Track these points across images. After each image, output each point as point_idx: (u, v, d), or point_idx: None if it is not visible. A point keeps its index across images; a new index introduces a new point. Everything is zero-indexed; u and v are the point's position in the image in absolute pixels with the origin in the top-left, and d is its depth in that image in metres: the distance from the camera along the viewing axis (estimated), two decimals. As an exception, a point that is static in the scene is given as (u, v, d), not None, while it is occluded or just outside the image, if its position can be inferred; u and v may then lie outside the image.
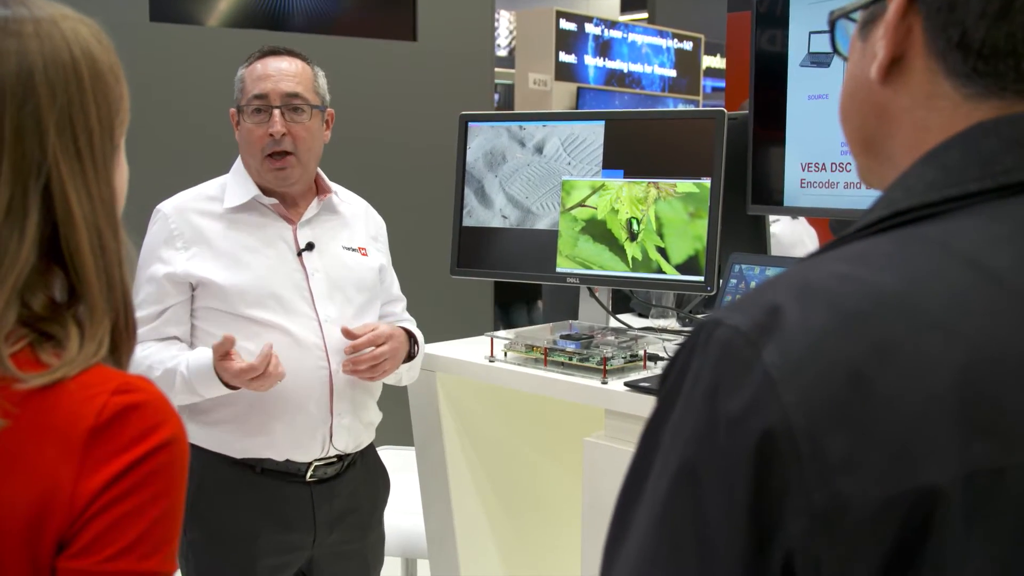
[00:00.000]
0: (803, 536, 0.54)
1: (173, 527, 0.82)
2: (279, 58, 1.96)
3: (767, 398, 0.55)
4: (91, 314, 0.83)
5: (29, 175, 0.81)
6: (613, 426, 1.85)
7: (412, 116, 3.92)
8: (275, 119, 1.90)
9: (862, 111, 0.71)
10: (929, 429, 0.54)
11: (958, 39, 0.63)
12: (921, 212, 0.62)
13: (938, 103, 0.65)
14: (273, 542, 1.93)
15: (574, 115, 2.24)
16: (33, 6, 0.85)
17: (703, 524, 0.56)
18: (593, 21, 7.52)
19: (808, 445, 0.54)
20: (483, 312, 4.15)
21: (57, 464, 0.77)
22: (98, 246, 0.84)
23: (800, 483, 0.54)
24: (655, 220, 2.06)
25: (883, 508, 0.53)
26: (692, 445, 0.58)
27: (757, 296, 0.60)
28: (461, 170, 2.32)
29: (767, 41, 2.01)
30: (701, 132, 2.02)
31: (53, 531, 0.77)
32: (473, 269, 2.31)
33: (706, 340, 0.60)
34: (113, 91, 0.88)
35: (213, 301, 1.88)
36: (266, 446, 1.90)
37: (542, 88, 6.97)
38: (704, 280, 2.01)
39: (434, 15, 4.06)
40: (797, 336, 0.56)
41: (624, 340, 2.03)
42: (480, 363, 2.06)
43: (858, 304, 0.57)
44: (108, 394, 0.80)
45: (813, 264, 0.62)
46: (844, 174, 1.90)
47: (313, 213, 2.00)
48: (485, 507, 2.27)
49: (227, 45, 3.55)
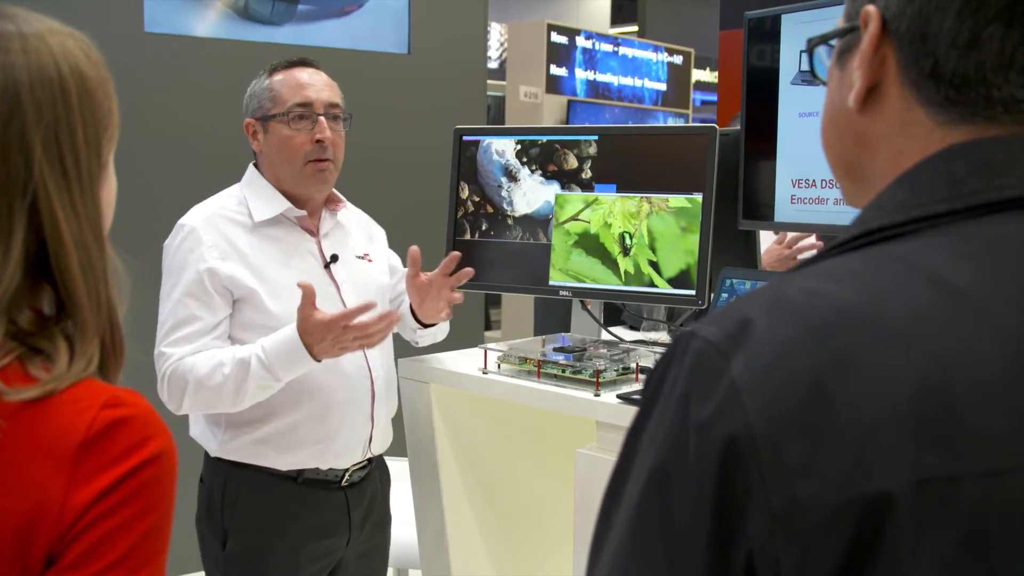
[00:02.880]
0: (763, 537, 0.56)
1: (162, 540, 0.81)
2: (311, 69, 1.98)
3: (732, 405, 0.58)
4: (81, 331, 0.83)
5: (15, 193, 0.81)
6: (605, 438, 1.87)
7: (405, 128, 3.94)
8: (323, 126, 1.93)
9: (842, 138, 0.74)
10: (884, 437, 0.56)
11: (930, 69, 0.66)
12: (891, 231, 0.65)
13: (913, 129, 0.68)
14: (314, 550, 1.96)
15: (568, 130, 2.27)
16: (21, 21, 0.84)
17: (671, 524, 0.59)
18: (584, 34, 7.56)
19: (768, 450, 0.57)
20: (475, 324, 4.16)
21: (47, 477, 0.77)
22: (87, 264, 0.84)
23: (761, 486, 0.56)
24: (647, 234, 2.09)
25: (838, 511, 0.55)
26: (664, 449, 0.61)
27: (731, 310, 0.63)
28: (455, 183, 2.34)
29: (759, 59, 2.04)
30: (693, 148, 2.05)
31: (42, 545, 0.76)
32: (466, 281, 2.33)
33: (683, 351, 0.63)
34: (101, 107, 0.87)
35: (256, 316, 1.88)
36: (314, 456, 1.93)
37: (533, 101, 7.01)
38: (696, 294, 2.04)
39: (427, 28, 4.08)
40: (763, 347, 0.59)
41: (616, 353, 2.05)
42: (474, 375, 2.08)
43: (822, 316, 0.60)
44: (98, 408, 0.79)
45: (787, 280, 0.65)
46: (834, 191, 1.93)
47: (330, 226, 2.03)
48: (478, 518, 2.28)
49: (221, 55, 3.57)
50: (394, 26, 4.04)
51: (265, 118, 1.96)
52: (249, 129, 1.99)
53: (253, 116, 1.98)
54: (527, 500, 2.37)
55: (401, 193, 3.79)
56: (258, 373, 1.80)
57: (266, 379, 1.81)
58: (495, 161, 2.30)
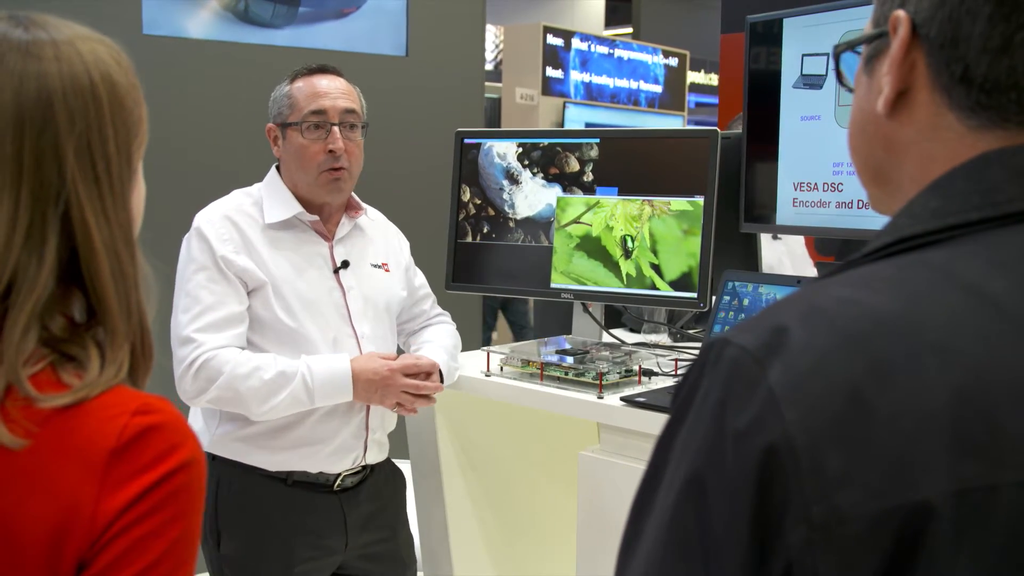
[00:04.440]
0: (802, 547, 0.56)
1: (191, 548, 0.82)
2: (330, 76, 1.99)
3: (771, 415, 0.58)
4: (112, 338, 0.83)
5: (48, 201, 0.81)
6: (608, 440, 1.87)
7: (402, 131, 3.94)
8: (335, 136, 1.94)
9: (870, 143, 0.74)
10: (923, 446, 0.56)
11: (961, 74, 0.65)
12: (925, 239, 0.65)
13: (943, 135, 0.68)
14: (307, 550, 1.96)
15: (570, 133, 2.27)
16: (52, 28, 0.85)
17: (708, 533, 0.59)
18: (579, 36, 7.57)
19: (808, 460, 0.56)
20: (472, 327, 4.16)
21: (78, 484, 0.77)
22: (118, 271, 0.84)
23: (800, 496, 0.56)
24: (649, 237, 2.09)
25: (878, 521, 0.55)
26: (700, 458, 0.61)
27: (765, 317, 0.63)
28: (456, 186, 2.34)
29: (760, 63, 2.05)
30: (695, 151, 2.05)
31: (73, 550, 0.77)
32: (468, 284, 2.34)
33: (716, 358, 0.62)
34: (132, 114, 0.87)
35: (263, 311, 1.90)
36: (304, 459, 1.93)
37: (529, 103, 7.01)
38: (697, 296, 2.04)
39: (425, 30, 4.08)
40: (800, 356, 0.59)
41: (618, 355, 2.05)
42: (477, 377, 2.09)
43: (858, 325, 0.60)
44: (129, 415, 0.80)
45: (819, 287, 0.64)
46: (836, 194, 1.93)
47: (346, 231, 2.03)
48: (480, 520, 2.29)
49: (219, 57, 3.56)
50: (392, 29, 4.04)
51: (284, 125, 1.97)
52: (271, 134, 2.00)
53: (274, 121, 1.99)
54: (529, 502, 2.38)
55: (399, 195, 3.78)
56: (298, 390, 1.83)
57: (304, 400, 1.85)
58: (496, 164, 2.30)
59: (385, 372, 1.88)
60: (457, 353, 2.13)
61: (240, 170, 2.52)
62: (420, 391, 1.92)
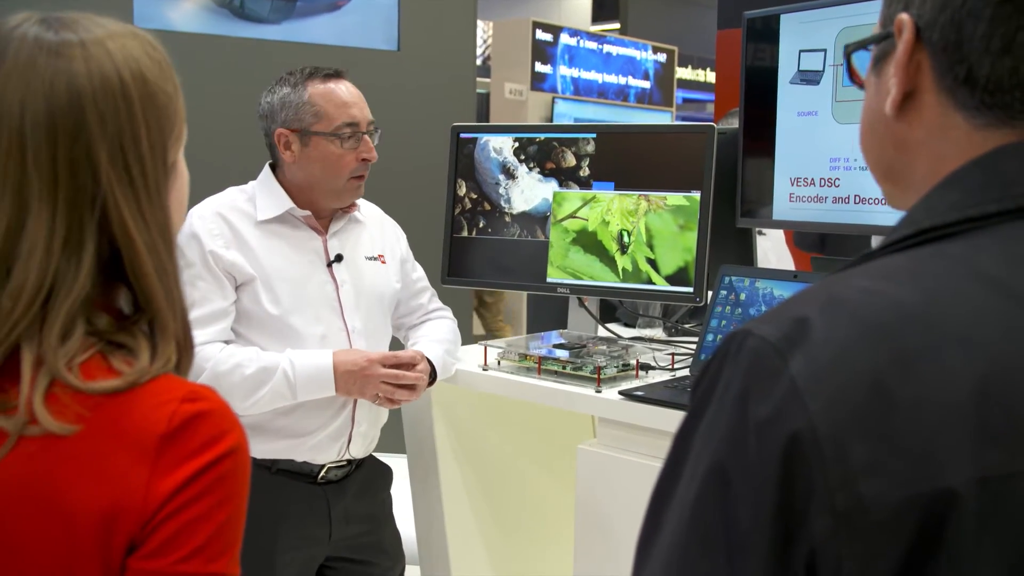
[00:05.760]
0: (826, 535, 0.57)
1: (238, 531, 0.85)
2: (345, 83, 2.02)
3: (793, 405, 0.59)
4: (161, 332, 0.85)
5: (84, 207, 0.82)
6: (606, 434, 1.88)
7: (395, 126, 3.93)
8: (368, 145, 2.00)
9: (881, 143, 0.75)
10: (947, 436, 0.57)
11: (964, 75, 0.67)
12: (942, 231, 0.66)
13: (951, 134, 0.69)
14: (291, 538, 1.96)
15: (566, 128, 2.27)
16: (81, 29, 0.85)
17: (732, 523, 0.60)
18: (568, 32, 7.57)
19: (832, 449, 0.57)
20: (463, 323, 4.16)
21: (130, 468, 0.79)
22: (160, 268, 0.85)
23: (824, 485, 0.57)
24: (645, 232, 2.10)
25: (902, 509, 0.56)
26: (723, 448, 0.61)
27: (785, 309, 0.64)
28: (452, 180, 2.34)
29: (757, 58, 2.06)
30: (692, 146, 2.06)
31: (125, 532, 0.79)
32: (463, 278, 2.34)
33: (737, 349, 0.63)
34: (165, 110, 0.88)
35: (250, 306, 1.91)
36: (289, 448, 1.95)
37: (518, 98, 7.01)
38: (693, 291, 2.05)
39: (417, 25, 4.08)
40: (822, 347, 0.60)
41: (615, 349, 2.06)
42: (474, 371, 2.09)
43: (880, 316, 0.60)
44: (178, 401, 0.82)
45: (838, 279, 0.65)
46: (832, 189, 1.94)
47: (340, 225, 2.04)
48: (476, 514, 2.29)
49: (210, 51, 3.55)
50: (384, 23, 4.04)
51: (306, 132, 1.96)
52: (281, 139, 1.97)
53: (288, 127, 1.96)
54: (525, 496, 2.38)
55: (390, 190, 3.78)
56: (280, 385, 1.84)
57: (287, 394, 1.86)
58: (493, 158, 2.30)
59: (364, 363, 1.89)
60: (455, 348, 2.13)
61: (232, 165, 2.51)
62: (399, 381, 1.91)
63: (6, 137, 0.81)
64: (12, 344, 0.80)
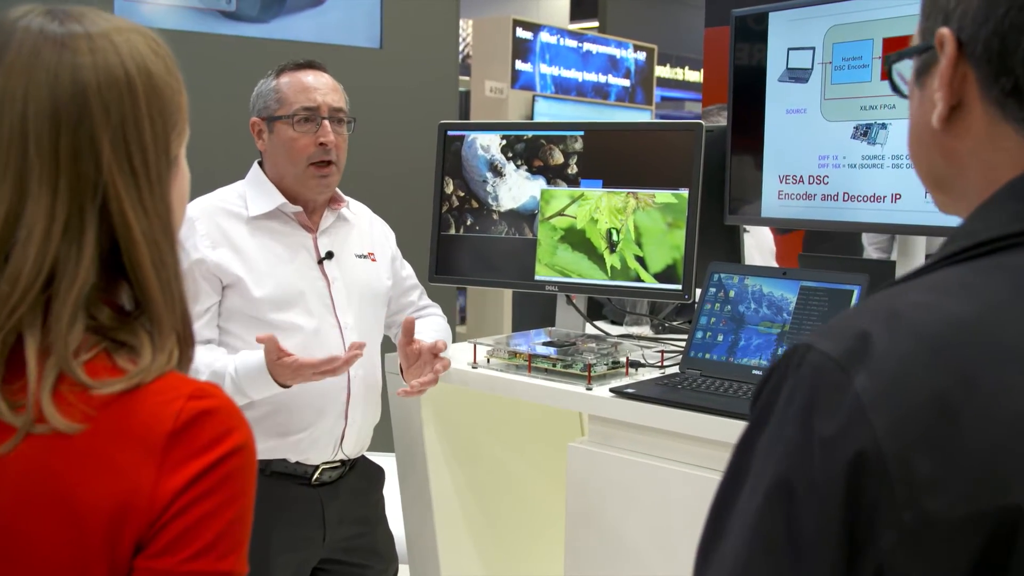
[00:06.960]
0: (892, 551, 0.58)
1: (246, 529, 0.84)
2: (316, 72, 2.01)
3: (859, 422, 0.59)
4: (158, 327, 0.85)
5: (86, 194, 0.82)
6: (597, 432, 1.88)
7: (378, 123, 3.93)
8: (327, 129, 1.96)
9: (929, 154, 0.75)
10: (1011, 452, 0.58)
11: (1011, 87, 0.67)
12: (1002, 243, 0.66)
13: (1002, 144, 0.69)
14: (286, 541, 1.95)
15: (554, 125, 2.27)
16: (88, 21, 0.85)
17: (797, 536, 0.60)
18: (549, 30, 7.57)
19: (897, 467, 0.58)
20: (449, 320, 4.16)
21: (137, 466, 0.79)
22: (159, 261, 0.85)
23: (890, 501, 0.58)
24: (634, 229, 2.10)
25: (968, 526, 0.57)
26: (786, 462, 0.62)
27: (846, 323, 0.64)
28: (439, 178, 2.33)
29: (746, 56, 2.06)
30: (680, 144, 2.07)
31: (132, 531, 0.78)
32: (451, 276, 2.34)
33: (798, 363, 0.64)
34: (169, 104, 0.88)
35: (241, 303, 1.90)
36: (283, 448, 1.93)
37: (498, 96, 7.00)
38: (682, 288, 2.06)
39: (399, 23, 4.06)
40: (885, 363, 0.60)
41: (604, 347, 2.06)
42: (464, 369, 2.08)
43: (940, 331, 0.61)
44: (184, 399, 0.81)
45: (898, 292, 0.66)
46: (821, 186, 1.95)
47: (329, 223, 2.04)
48: (466, 512, 2.28)
49: (191, 48, 3.52)
50: (366, 21, 4.02)
51: (271, 119, 1.98)
52: (255, 128, 2.01)
53: (259, 116, 2.00)
54: (515, 494, 2.38)
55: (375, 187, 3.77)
56: (230, 390, 1.82)
57: (237, 396, 1.83)
58: (480, 156, 2.30)
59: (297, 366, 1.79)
60: (449, 343, 2.12)
61: (218, 164, 2.50)
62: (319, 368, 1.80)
63: (8, 125, 0.81)
64: (13, 330, 0.80)
